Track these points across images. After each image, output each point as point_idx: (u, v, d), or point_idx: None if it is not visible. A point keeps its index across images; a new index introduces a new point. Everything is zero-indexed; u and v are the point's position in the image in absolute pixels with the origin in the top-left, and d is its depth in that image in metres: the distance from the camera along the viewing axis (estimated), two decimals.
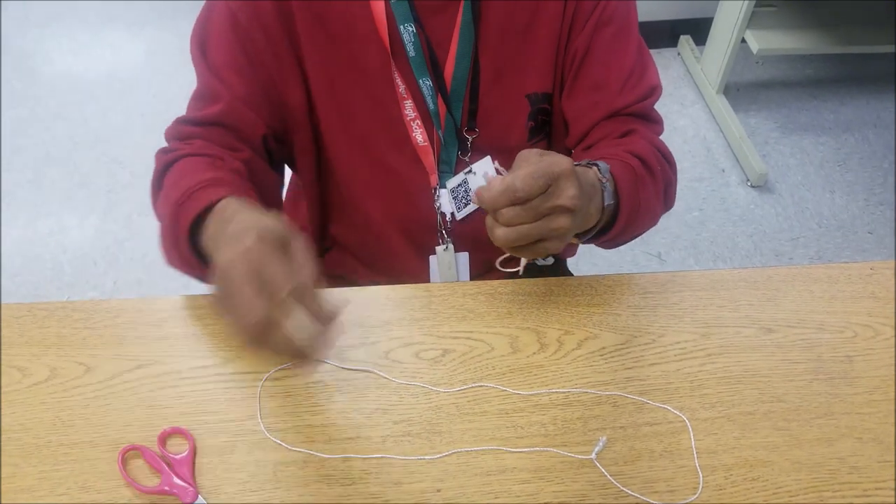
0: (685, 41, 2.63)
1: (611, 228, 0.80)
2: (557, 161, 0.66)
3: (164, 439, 0.71)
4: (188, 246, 0.72)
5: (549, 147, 0.96)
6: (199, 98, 0.86)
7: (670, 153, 0.90)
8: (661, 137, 0.91)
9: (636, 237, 0.88)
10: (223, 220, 0.65)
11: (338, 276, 1.05)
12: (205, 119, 0.83)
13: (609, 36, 0.87)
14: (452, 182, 0.92)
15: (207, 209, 0.69)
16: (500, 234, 0.65)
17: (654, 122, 0.92)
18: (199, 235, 0.70)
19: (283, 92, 0.86)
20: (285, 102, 0.87)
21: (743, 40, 2.30)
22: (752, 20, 2.26)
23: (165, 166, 0.82)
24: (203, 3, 0.86)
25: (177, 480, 0.67)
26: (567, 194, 0.65)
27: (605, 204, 0.75)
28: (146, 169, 0.85)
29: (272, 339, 0.56)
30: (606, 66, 0.87)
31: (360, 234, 1.00)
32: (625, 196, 0.78)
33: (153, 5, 2.85)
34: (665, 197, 0.88)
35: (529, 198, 0.63)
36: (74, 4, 2.86)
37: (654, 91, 0.91)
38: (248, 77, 0.84)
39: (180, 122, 0.86)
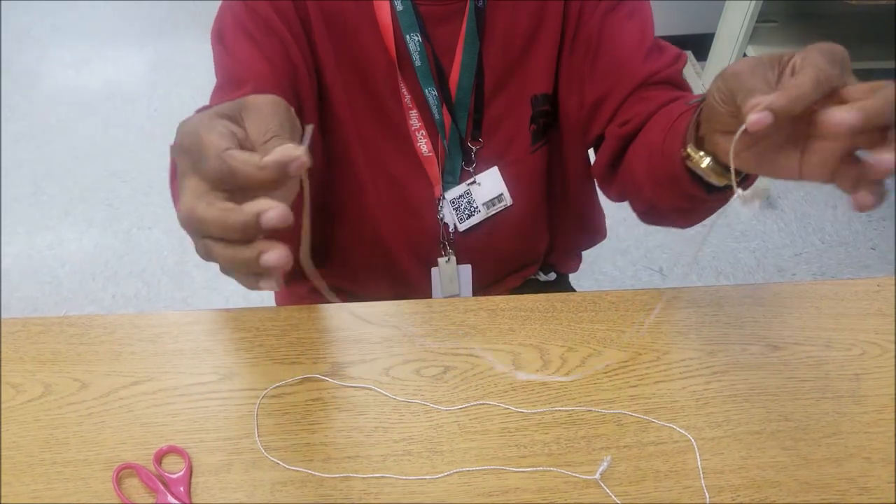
0: (687, 56, 2.63)
1: None
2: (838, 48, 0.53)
3: (159, 458, 0.69)
4: None
5: (553, 150, 0.95)
6: (220, 88, 0.82)
7: None
8: None
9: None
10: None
11: (338, 288, 1.04)
12: None
13: (620, 18, 0.84)
14: (453, 193, 0.92)
15: None
16: None
17: (688, 90, 0.86)
18: None
19: (301, 91, 0.84)
20: (302, 101, 0.84)
21: (744, 55, 2.30)
22: (754, 36, 2.26)
23: None
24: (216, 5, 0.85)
25: (172, 500, 0.66)
26: None
27: None
28: (146, 183, 0.84)
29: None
30: (624, 45, 0.84)
31: (364, 244, 0.99)
32: None
33: (154, 20, 2.86)
34: None
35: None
36: (76, 19, 2.87)
37: (680, 57, 0.86)
38: (274, 66, 0.80)
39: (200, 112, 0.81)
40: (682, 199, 0.72)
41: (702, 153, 0.64)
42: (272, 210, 0.44)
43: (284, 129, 0.47)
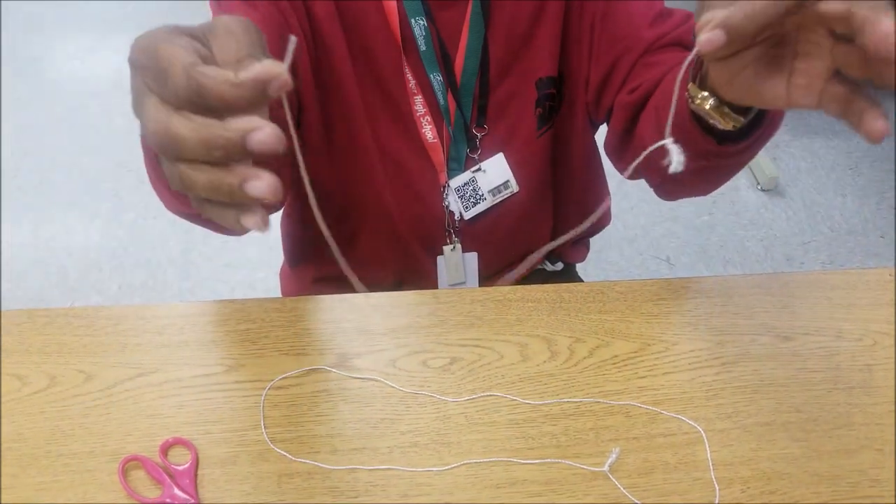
0: None
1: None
2: None
3: (165, 450, 0.69)
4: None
5: (559, 134, 0.94)
6: None
7: None
8: None
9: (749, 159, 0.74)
10: None
11: (340, 278, 1.03)
12: None
13: None
14: (458, 181, 0.91)
15: None
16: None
17: None
18: None
19: (297, 63, 0.82)
20: (297, 73, 0.83)
21: None
22: None
23: None
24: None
25: (178, 492, 0.66)
26: None
27: None
28: None
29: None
30: (630, 15, 0.83)
31: (369, 230, 0.99)
32: None
33: (158, 10, 2.85)
34: None
35: None
36: (79, 9, 2.86)
37: (690, 18, 0.82)
38: (271, 32, 0.77)
39: None
40: (696, 156, 0.68)
41: (705, 93, 0.60)
42: (262, 130, 0.37)
43: (257, 52, 0.40)
